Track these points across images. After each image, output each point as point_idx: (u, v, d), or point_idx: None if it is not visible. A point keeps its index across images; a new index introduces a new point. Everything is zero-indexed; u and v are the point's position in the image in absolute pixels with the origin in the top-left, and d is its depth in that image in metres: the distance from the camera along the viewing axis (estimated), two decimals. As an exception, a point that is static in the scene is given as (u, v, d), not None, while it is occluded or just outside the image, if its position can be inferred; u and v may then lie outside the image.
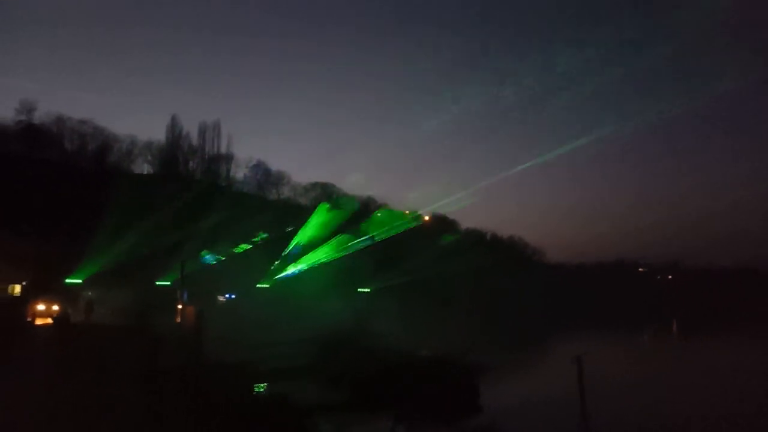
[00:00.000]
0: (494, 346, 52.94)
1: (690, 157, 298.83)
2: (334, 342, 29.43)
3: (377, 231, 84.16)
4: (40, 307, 35.40)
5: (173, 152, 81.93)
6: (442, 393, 24.33)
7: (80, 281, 43.02)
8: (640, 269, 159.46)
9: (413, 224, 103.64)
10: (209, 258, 57.44)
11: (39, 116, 69.77)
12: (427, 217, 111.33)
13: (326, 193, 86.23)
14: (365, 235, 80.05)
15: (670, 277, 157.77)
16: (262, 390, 25.23)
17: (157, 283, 48.00)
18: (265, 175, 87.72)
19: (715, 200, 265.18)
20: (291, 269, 69.15)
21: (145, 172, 76.12)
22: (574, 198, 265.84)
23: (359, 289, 73.17)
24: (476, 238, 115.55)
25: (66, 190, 52.53)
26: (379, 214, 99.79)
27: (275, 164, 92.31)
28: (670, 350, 56.78)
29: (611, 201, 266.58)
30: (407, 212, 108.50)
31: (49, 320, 30.55)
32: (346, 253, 72.72)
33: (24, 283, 38.76)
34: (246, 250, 63.29)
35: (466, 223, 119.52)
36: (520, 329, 75.09)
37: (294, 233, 73.09)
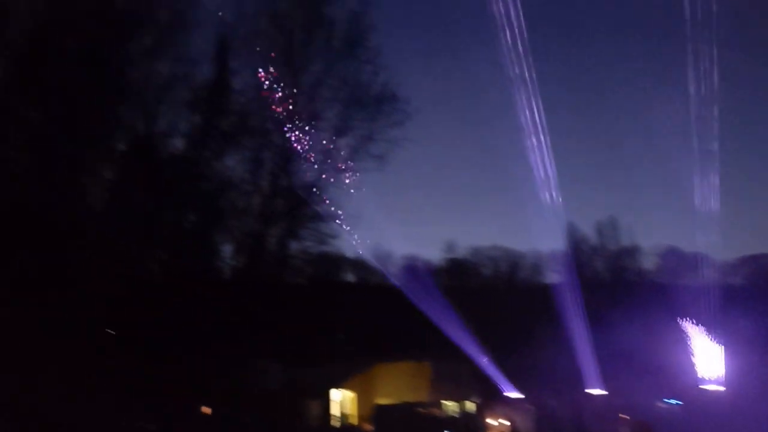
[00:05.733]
0: None
1: None
2: None
3: None
4: (490, 420, 39.83)
5: (576, 257, 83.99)
6: None
7: (521, 394, 45.52)
8: None
9: None
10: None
11: (459, 251, 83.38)
12: None
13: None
14: None
15: None
16: None
17: (588, 390, 46.60)
18: (679, 260, 79.92)
19: None
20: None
21: (552, 282, 79.66)
22: None
23: None
24: None
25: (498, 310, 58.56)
26: None
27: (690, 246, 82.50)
28: None
29: None
30: None
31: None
32: None
33: (477, 400, 43.72)
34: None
35: None
36: None
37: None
